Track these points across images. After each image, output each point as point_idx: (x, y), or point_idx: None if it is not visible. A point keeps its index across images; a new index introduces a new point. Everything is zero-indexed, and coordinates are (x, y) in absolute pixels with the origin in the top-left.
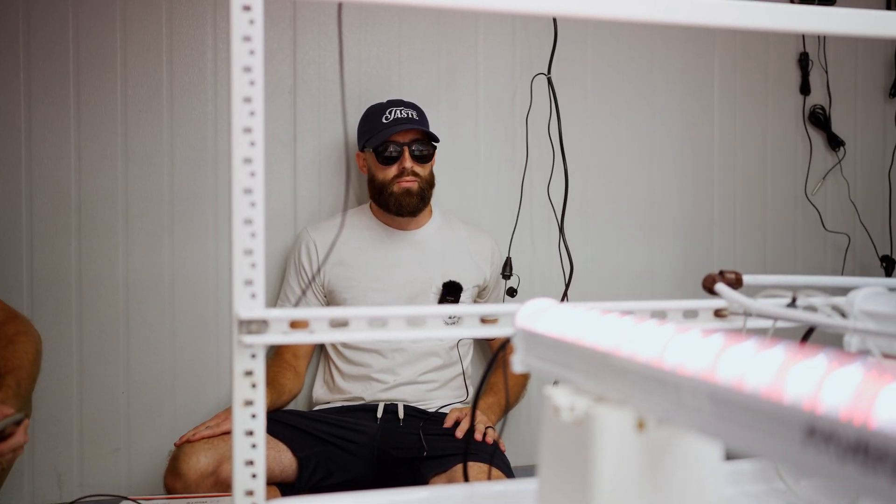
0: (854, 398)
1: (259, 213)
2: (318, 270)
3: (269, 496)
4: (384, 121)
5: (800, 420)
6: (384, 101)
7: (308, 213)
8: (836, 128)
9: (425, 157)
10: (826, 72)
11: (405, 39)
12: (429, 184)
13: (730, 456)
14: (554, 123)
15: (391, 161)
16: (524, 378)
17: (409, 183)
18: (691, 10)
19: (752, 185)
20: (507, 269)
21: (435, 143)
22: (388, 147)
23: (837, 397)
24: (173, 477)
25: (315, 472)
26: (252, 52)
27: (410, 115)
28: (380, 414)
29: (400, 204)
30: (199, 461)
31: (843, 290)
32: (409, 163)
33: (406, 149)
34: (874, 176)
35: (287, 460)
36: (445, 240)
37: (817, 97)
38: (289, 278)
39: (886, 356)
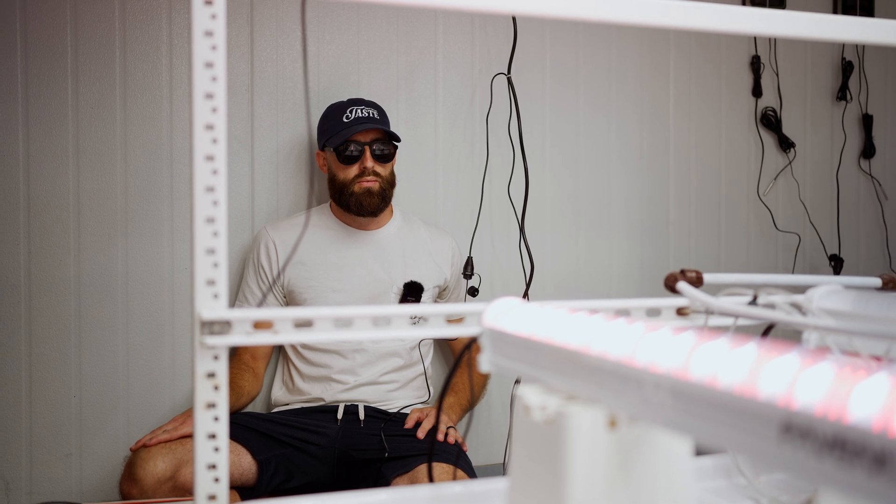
0: (829, 394)
1: (221, 211)
2: (279, 274)
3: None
4: (345, 120)
5: (776, 416)
6: (345, 99)
7: (266, 213)
8: (787, 130)
9: (386, 157)
10: (777, 75)
11: (364, 38)
12: (390, 183)
13: (701, 452)
14: (514, 123)
15: (352, 160)
16: (484, 378)
17: (370, 183)
18: (646, 11)
19: (706, 186)
20: (468, 269)
21: (396, 143)
22: (349, 146)
23: (812, 393)
24: (129, 482)
25: (275, 475)
26: (214, 48)
27: (371, 115)
28: (340, 415)
29: (360, 204)
30: (157, 466)
31: (797, 289)
32: (370, 162)
33: (367, 148)
34: (823, 177)
35: (247, 463)
36: (406, 240)
37: (769, 99)
38: (247, 279)
39: (845, 352)
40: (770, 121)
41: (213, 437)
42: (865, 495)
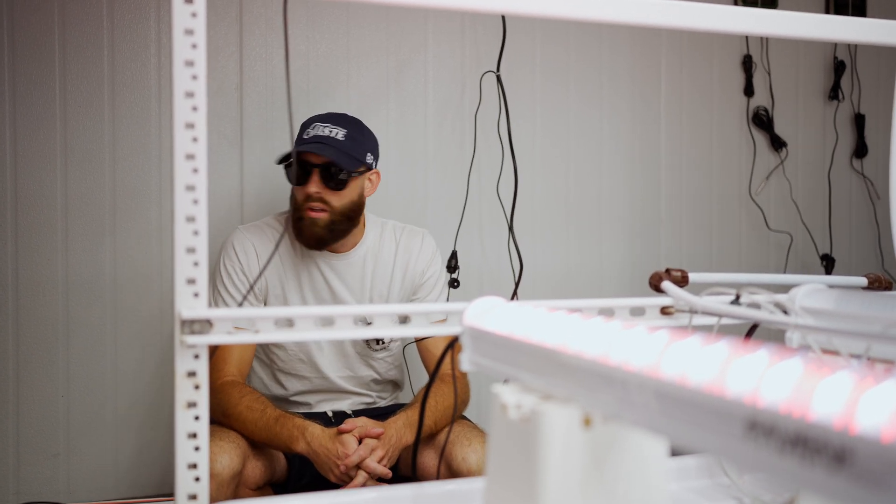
0: (794, 392)
1: (202, 210)
2: (257, 278)
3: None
4: (305, 136)
5: (741, 414)
6: (329, 111)
7: (255, 213)
8: (779, 129)
9: (339, 184)
10: (769, 74)
11: (354, 36)
12: (344, 215)
13: (675, 452)
14: (503, 121)
15: (299, 183)
16: (463, 392)
17: (316, 214)
18: (638, 10)
19: (698, 185)
20: (452, 261)
21: (354, 171)
22: (297, 167)
23: (778, 391)
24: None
25: (299, 470)
26: (194, 46)
27: (333, 134)
28: (330, 414)
29: (301, 233)
30: (233, 460)
31: (785, 288)
32: (313, 187)
33: (316, 172)
34: (815, 176)
35: (282, 461)
36: (377, 261)
37: (760, 99)
38: (225, 285)
39: (826, 351)
40: (762, 120)
41: (193, 436)
42: (825, 492)
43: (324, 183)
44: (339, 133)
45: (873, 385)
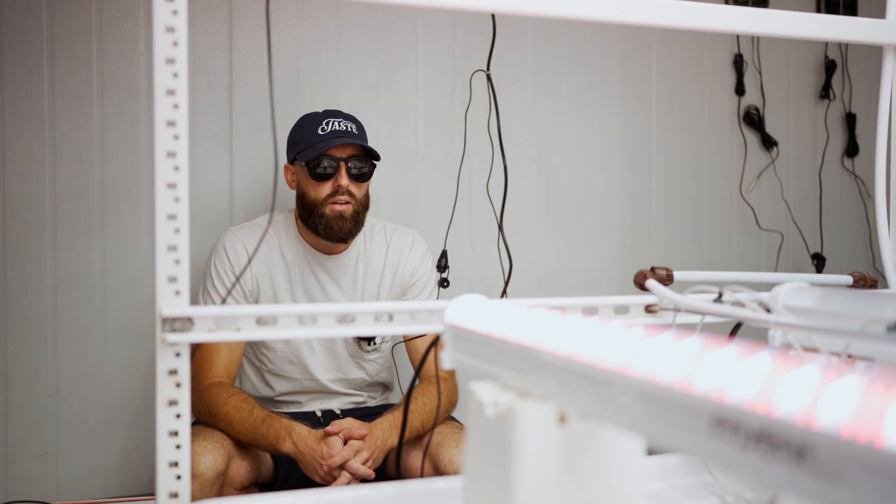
0: (760, 388)
1: (183, 208)
2: (242, 273)
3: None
4: (320, 132)
5: (708, 410)
6: (320, 110)
7: (244, 212)
8: (770, 128)
9: (363, 176)
10: (760, 73)
11: (344, 36)
12: (363, 206)
13: (655, 451)
14: (493, 120)
15: (325, 178)
16: (449, 391)
17: (343, 207)
18: (629, 10)
19: (689, 184)
20: (442, 261)
21: (374, 162)
22: (323, 162)
23: (744, 388)
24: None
25: (286, 470)
26: (175, 44)
27: (349, 128)
28: (319, 414)
29: (330, 228)
30: (216, 460)
31: (772, 286)
32: (344, 180)
33: (343, 165)
34: (805, 175)
35: (268, 462)
36: (368, 262)
37: (752, 98)
38: (214, 284)
39: (807, 349)
40: (753, 119)
41: (174, 434)
42: (784, 486)
43: (350, 175)
44: (352, 126)
45: (836, 381)
